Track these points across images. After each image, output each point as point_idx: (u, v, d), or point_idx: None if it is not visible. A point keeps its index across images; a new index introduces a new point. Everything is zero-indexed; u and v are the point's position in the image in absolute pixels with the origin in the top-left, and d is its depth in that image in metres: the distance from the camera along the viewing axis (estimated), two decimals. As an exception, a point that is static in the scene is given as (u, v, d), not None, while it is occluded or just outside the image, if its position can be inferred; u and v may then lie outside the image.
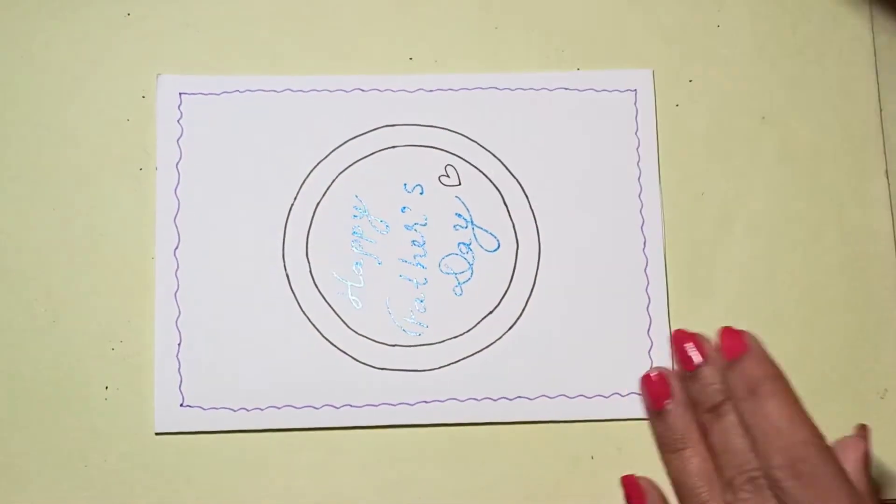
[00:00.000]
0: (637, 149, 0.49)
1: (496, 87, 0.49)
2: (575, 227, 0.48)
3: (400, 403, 0.46)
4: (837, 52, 0.50)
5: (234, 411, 0.46)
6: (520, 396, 0.46)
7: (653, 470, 0.46)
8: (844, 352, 0.48)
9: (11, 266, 0.46)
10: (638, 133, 0.49)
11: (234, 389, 0.46)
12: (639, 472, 0.46)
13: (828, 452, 0.41)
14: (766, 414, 0.42)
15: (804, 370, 0.47)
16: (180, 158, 0.47)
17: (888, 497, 0.46)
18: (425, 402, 0.46)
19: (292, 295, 0.47)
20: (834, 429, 0.47)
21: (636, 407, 0.47)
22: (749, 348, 0.44)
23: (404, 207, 0.48)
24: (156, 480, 0.45)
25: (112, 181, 0.47)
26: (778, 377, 0.43)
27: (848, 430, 0.47)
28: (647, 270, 0.48)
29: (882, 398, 0.47)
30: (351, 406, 0.46)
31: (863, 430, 0.44)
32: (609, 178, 0.48)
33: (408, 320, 0.47)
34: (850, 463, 0.43)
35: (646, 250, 0.48)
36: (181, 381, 0.46)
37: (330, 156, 0.48)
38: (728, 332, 0.45)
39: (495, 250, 0.48)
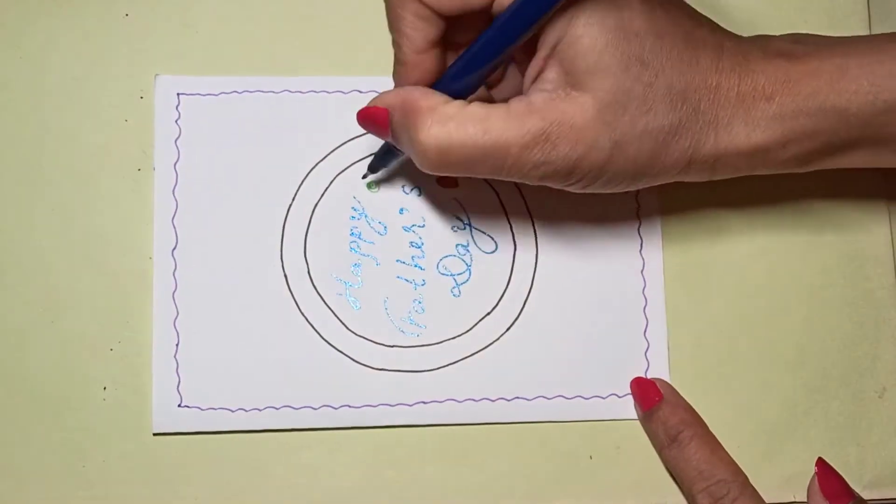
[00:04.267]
0: (635, 149, 0.49)
1: (494, 88, 0.49)
2: (572, 228, 0.48)
3: (398, 404, 0.46)
4: (835, 53, 0.50)
5: (233, 412, 0.46)
6: (518, 397, 0.47)
7: (652, 469, 0.46)
8: (843, 351, 0.48)
9: (10, 266, 0.46)
10: (636, 133, 0.49)
11: (233, 390, 0.46)
12: (637, 472, 0.46)
13: (746, 487, 0.44)
14: (687, 458, 0.44)
15: (803, 369, 0.47)
16: (178, 159, 0.47)
17: (888, 497, 0.47)
18: (423, 402, 0.46)
19: (290, 296, 0.47)
20: (833, 427, 0.47)
21: (633, 407, 0.47)
22: (663, 397, 0.45)
23: (402, 209, 0.48)
24: (154, 481, 0.45)
25: (110, 182, 0.47)
26: (694, 422, 0.45)
27: (847, 428, 0.47)
28: (644, 272, 0.48)
29: (880, 397, 0.47)
30: (349, 406, 0.46)
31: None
32: (607, 179, 0.48)
33: (406, 321, 0.47)
34: None
35: (643, 252, 0.48)
36: (179, 382, 0.46)
37: (328, 157, 0.48)
38: (641, 383, 0.46)
39: (493, 252, 0.48)
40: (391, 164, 0.46)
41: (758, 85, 0.40)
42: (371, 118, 0.42)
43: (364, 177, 0.47)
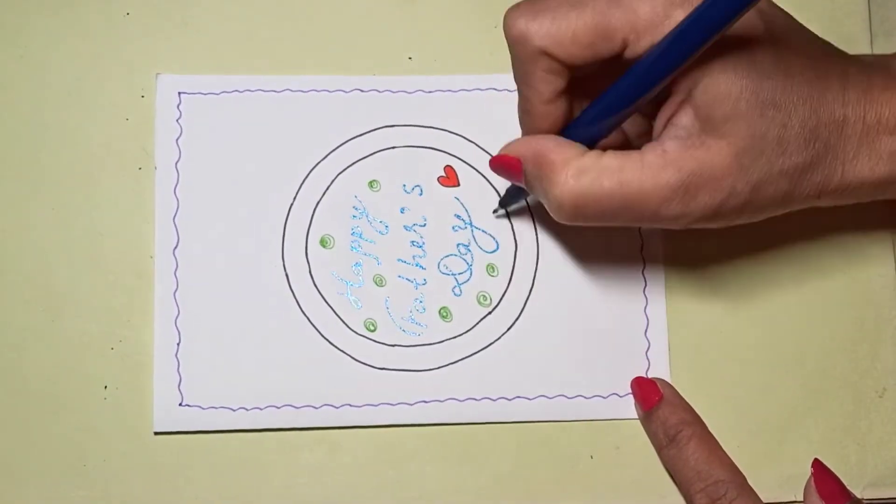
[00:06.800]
0: (636, 149, 0.49)
1: (495, 88, 0.49)
2: (573, 228, 0.48)
3: (399, 403, 0.46)
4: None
5: (234, 411, 0.46)
6: (518, 396, 0.47)
7: (652, 469, 0.46)
8: (843, 351, 0.48)
9: (10, 265, 0.46)
10: (637, 133, 0.49)
11: (234, 389, 0.46)
12: (637, 471, 0.46)
13: (744, 488, 0.43)
14: (685, 459, 0.44)
15: (803, 369, 0.47)
16: (179, 158, 0.47)
17: (888, 497, 0.47)
18: (424, 401, 0.46)
19: (292, 295, 0.47)
20: (833, 427, 0.47)
21: (634, 407, 0.47)
22: (663, 396, 0.45)
23: (403, 208, 0.48)
24: (155, 480, 0.45)
25: (111, 180, 0.47)
26: (693, 422, 0.45)
27: (847, 428, 0.47)
28: (645, 272, 0.48)
29: (881, 397, 0.47)
30: (350, 406, 0.46)
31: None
32: (608, 179, 0.48)
33: (407, 321, 0.47)
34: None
35: (643, 252, 0.48)
36: (180, 381, 0.46)
37: (329, 156, 0.48)
38: (641, 383, 0.46)
39: (494, 251, 0.48)
40: (521, 201, 0.46)
41: (882, 118, 0.40)
42: (504, 166, 0.42)
43: (495, 211, 0.47)
